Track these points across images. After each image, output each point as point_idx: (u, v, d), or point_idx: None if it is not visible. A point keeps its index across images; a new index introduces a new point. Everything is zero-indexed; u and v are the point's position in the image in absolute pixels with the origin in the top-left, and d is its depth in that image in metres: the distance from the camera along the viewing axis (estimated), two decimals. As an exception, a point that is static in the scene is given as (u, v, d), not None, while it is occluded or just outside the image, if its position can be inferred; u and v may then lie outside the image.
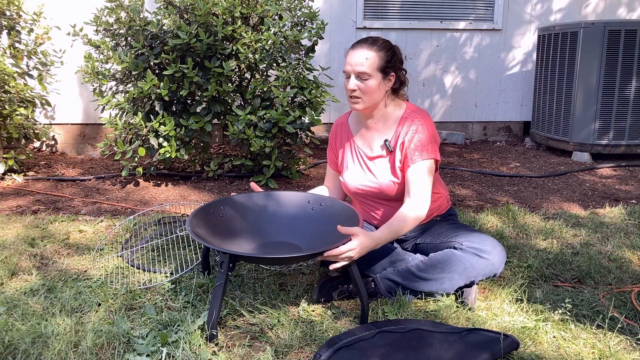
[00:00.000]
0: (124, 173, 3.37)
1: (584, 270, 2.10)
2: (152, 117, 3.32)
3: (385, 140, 1.94)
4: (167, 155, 3.24)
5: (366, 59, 1.85)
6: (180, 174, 3.66)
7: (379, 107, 1.94)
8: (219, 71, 3.17)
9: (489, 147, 4.75)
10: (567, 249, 2.34)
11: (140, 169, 3.41)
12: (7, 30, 3.61)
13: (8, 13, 3.60)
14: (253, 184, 2.03)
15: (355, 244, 1.65)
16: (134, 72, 3.29)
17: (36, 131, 3.76)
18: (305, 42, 4.13)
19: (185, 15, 3.28)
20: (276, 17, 3.42)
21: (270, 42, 3.19)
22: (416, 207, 1.84)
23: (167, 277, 2.06)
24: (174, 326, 1.68)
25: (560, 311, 1.79)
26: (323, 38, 3.51)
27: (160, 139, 3.27)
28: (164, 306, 1.83)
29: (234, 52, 3.29)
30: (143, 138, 3.32)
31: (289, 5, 3.40)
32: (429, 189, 1.87)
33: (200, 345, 1.58)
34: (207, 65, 3.18)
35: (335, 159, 2.13)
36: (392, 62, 1.89)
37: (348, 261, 1.66)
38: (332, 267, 1.66)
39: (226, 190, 3.32)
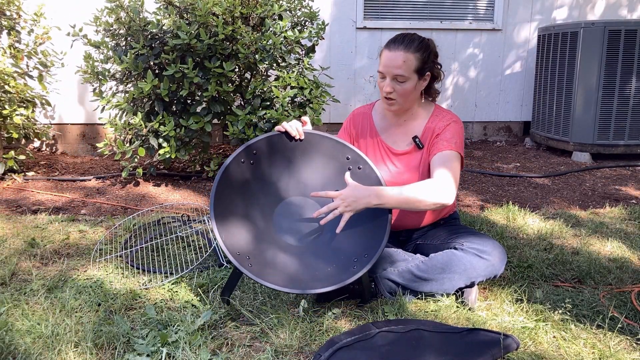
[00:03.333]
0: (124, 174, 3.37)
1: (584, 270, 2.10)
2: (152, 117, 3.32)
3: (415, 137, 1.92)
4: (167, 156, 3.24)
5: (404, 62, 1.81)
6: (180, 174, 3.66)
7: (412, 106, 1.94)
8: (219, 71, 3.17)
9: (489, 147, 4.75)
10: (567, 249, 2.34)
11: (140, 170, 3.41)
12: (7, 30, 3.61)
13: (8, 13, 3.60)
14: (304, 118, 1.94)
15: (341, 196, 1.69)
16: (134, 73, 3.29)
17: (36, 131, 3.76)
18: (306, 42, 4.13)
19: (185, 15, 3.28)
20: (276, 18, 3.42)
21: (270, 42, 3.19)
22: (441, 190, 1.74)
23: (167, 277, 2.06)
24: (174, 326, 1.68)
25: (560, 311, 1.79)
26: (324, 38, 3.52)
27: (160, 139, 3.27)
28: (164, 306, 1.83)
29: (234, 52, 3.29)
30: (143, 138, 3.32)
31: (289, 5, 3.40)
32: (456, 178, 1.80)
33: (200, 345, 1.58)
34: (207, 66, 3.18)
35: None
36: (428, 63, 1.85)
37: (343, 212, 1.70)
38: (323, 221, 1.71)
39: (226, 190, 3.32)
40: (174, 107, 3.40)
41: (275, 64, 3.36)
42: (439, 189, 1.74)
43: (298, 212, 1.90)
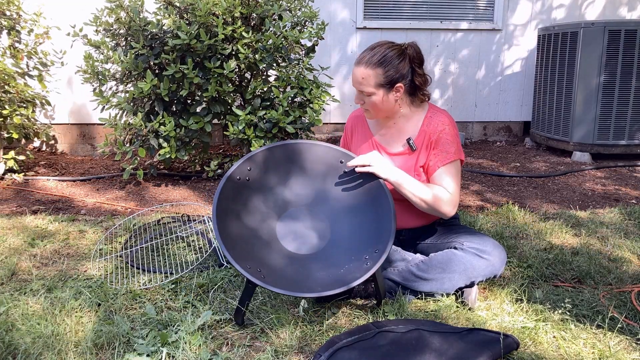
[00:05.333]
0: (125, 176, 3.37)
1: (584, 270, 2.10)
2: (152, 117, 3.32)
3: (408, 139, 1.92)
4: (167, 156, 3.24)
5: (363, 78, 1.82)
6: (180, 174, 3.66)
7: (395, 113, 1.93)
8: (219, 71, 3.17)
9: (489, 147, 4.75)
10: (567, 249, 2.34)
11: (141, 172, 3.41)
12: (7, 30, 3.61)
13: (8, 13, 3.60)
14: None
15: (373, 155, 1.81)
16: (134, 72, 3.29)
17: (36, 131, 3.76)
18: (306, 42, 4.13)
19: (185, 15, 3.28)
20: (276, 18, 3.42)
21: (270, 42, 3.19)
22: (449, 202, 1.85)
23: (167, 277, 2.06)
24: (174, 326, 1.68)
25: (560, 311, 1.79)
26: (323, 38, 3.52)
27: (160, 140, 3.27)
28: (164, 306, 1.83)
29: (234, 52, 3.29)
30: (143, 138, 3.32)
31: (289, 5, 3.40)
32: (459, 188, 1.89)
33: (200, 345, 1.58)
34: (207, 66, 3.18)
35: (348, 148, 2.14)
36: (396, 75, 1.82)
37: (370, 169, 1.80)
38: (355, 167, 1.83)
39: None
40: (174, 107, 3.40)
41: (275, 64, 3.36)
42: (449, 203, 1.85)
43: (301, 222, 1.90)
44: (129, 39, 3.32)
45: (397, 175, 1.83)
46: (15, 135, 3.53)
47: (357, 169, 1.84)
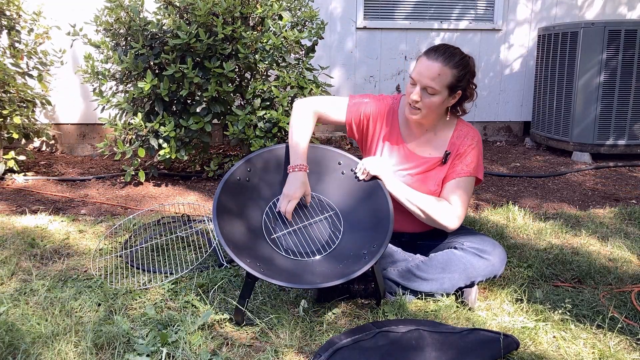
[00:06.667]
0: (126, 178, 3.37)
1: (584, 270, 2.10)
2: (152, 117, 3.32)
3: (447, 153, 1.91)
4: (167, 157, 3.24)
5: (438, 75, 1.76)
6: (180, 174, 3.66)
7: (438, 120, 1.93)
8: (219, 71, 3.17)
9: (489, 147, 4.75)
10: (567, 249, 2.34)
11: (142, 173, 3.41)
12: (7, 30, 3.61)
13: (8, 13, 3.60)
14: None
15: (368, 160, 1.87)
16: (133, 72, 3.29)
17: (36, 131, 3.76)
18: (305, 42, 4.13)
19: (185, 15, 3.28)
20: (276, 18, 3.42)
21: (270, 42, 3.19)
22: (452, 215, 1.84)
23: (167, 277, 2.06)
24: (174, 326, 1.68)
25: (560, 311, 1.79)
26: (323, 38, 3.52)
27: (160, 140, 3.27)
28: (164, 306, 1.83)
29: (234, 52, 3.29)
30: (143, 139, 3.32)
31: (289, 5, 3.40)
32: (466, 204, 1.88)
33: (200, 345, 1.58)
34: (207, 66, 3.18)
35: (359, 121, 1.99)
36: (462, 82, 1.82)
37: (369, 174, 1.86)
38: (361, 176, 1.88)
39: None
40: (174, 107, 3.40)
41: (275, 64, 3.36)
42: (451, 216, 1.85)
43: (300, 221, 1.90)
44: (129, 38, 3.32)
45: (385, 180, 1.86)
46: (15, 135, 3.53)
47: (361, 177, 1.88)
